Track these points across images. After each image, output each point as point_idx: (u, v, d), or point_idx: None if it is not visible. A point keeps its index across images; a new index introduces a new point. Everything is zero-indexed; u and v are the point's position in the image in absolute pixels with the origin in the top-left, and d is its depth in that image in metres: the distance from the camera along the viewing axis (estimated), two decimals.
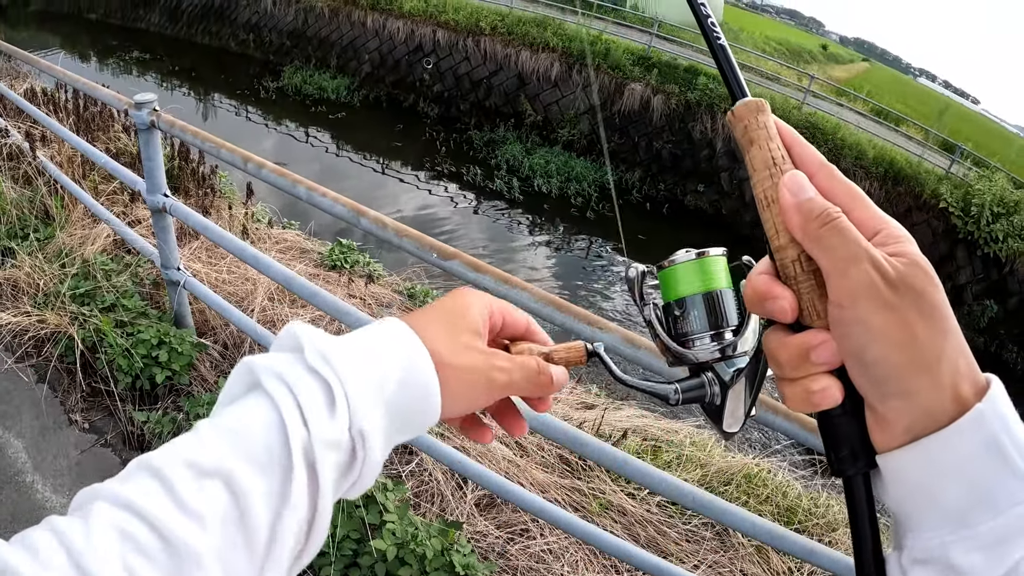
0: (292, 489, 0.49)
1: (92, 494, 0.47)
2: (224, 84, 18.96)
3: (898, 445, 0.50)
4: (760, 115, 0.58)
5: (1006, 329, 15.41)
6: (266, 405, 0.52)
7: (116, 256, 4.21)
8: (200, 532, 0.46)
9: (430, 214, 14.49)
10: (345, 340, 0.58)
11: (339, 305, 2.50)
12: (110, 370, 3.42)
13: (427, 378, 0.59)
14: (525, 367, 0.66)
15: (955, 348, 0.49)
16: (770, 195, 0.56)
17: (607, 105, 17.86)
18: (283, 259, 5.21)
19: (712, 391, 0.64)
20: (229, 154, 2.59)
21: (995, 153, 19.81)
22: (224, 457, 0.49)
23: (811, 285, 0.53)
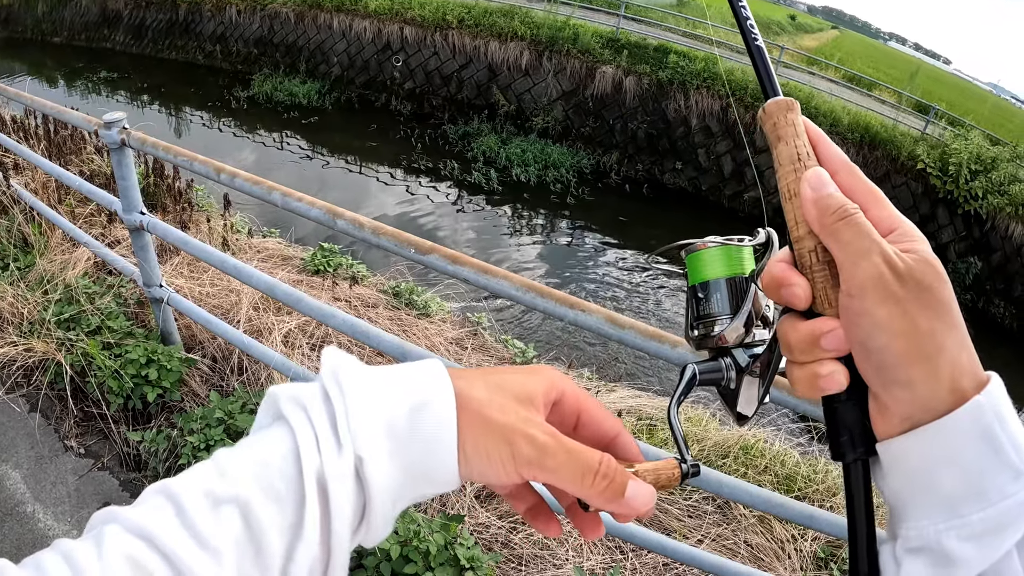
0: (305, 522, 0.47)
1: (107, 516, 0.46)
2: (194, 97, 18.80)
3: (896, 433, 0.52)
4: (789, 113, 0.61)
5: (991, 285, 15.55)
6: (285, 432, 0.50)
7: (98, 278, 4.20)
8: (215, 567, 0.44)
9: (412, 212, 14.45)
10: (369, 368, 0.54)
11: (323, 309, 2.51)
12: (101, 393, 3.42)
13: (441, 417, 0.52)
14: (577, 456, 0.54)
15: (957, 343, 0.51)
16: (793, 188, 0.58)
17: (579, 89, 17.84)
18: (265, 267, 5.21)
19: (728, 375, 0.65)
20: (202, 166, 2.60)
21: (969, 112, 19.98)
22: (241, 487, 0.47)
23: (825, 276, 0.56)
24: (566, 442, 0.54)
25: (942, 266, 0.53)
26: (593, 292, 12.64)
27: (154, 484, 0.48)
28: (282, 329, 4.07)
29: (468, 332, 5.56)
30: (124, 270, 3.69)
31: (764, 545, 3.60)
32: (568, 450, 0.53)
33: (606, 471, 0.53)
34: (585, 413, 0.60)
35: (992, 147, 16.38)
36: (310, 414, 0.49)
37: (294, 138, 17.18)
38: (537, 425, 0.54)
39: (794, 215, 0.58)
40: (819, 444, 4.88)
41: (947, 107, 19.20)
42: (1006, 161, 15.89)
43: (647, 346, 1.89)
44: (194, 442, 3.14)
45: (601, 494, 0.54)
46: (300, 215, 2.30)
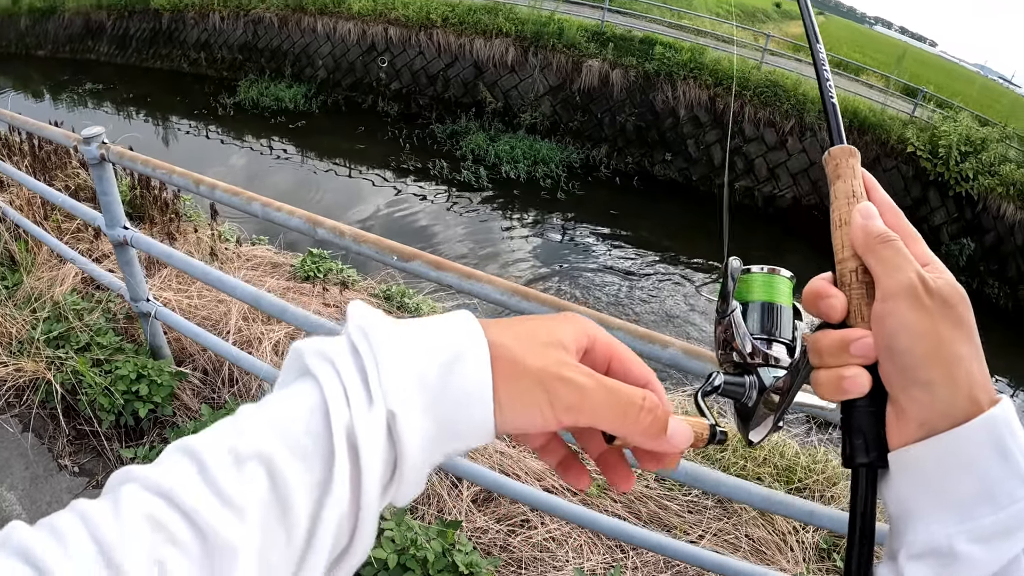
0: (334, 477, 0.45)
1: (125, 476, 0.44)
2: (181, 106, 18.72)
3: (912, 440, 0.56)
4: (850, 158, 0.70)
5: (985, 265, 15.63)
6: (311, 386, 0.48)
7: (87, 294, 4.18)
8: (238, 525, 0.42)
9: (404, 213, 14.44)
10: (397, 320, 0.52)
11: (309, 318, 2.49)
12: (92, 410, 3.40)
13: (475, 368, 0.50)
14: (617, 392, 0.53)
15: (974, 356, 0.57)
16: (844, 218, 0.66)
17: (565, 84, 17.82)
18: (255, 276, 5.18)
19: (750, 393, 0.68)
20: (181, 179, 2.57)
21: (957, 93, 20.05)
22: (266, 442, 0.45)
23: (861, 293, 0.62)
24: (605, 380, 0.53)
25: (967, 294, 0.59)
26: (585, 287, 12.64)
27: (175, 442, 0.46)
28: (272, 338, 4.05)
29: None
30: (111, 285, 3.66)
31: (766, 538, 3.59)
32: (608, 388, 0.53)
33: (651, 406, 0.54)
34: (616, 360, 0.59)
35: (981, 128, 16.46)
36: (338, 368, 0.48)
37: (282, 143, 17.12)
38: (573, 367, 0.53)
39: (841, 240, 0.66)
40: (817, 434, 4.87)
41: (935, 90, 19.22)
42: (995, 141, 15.98)
43: (635, 346, 1.88)
44: None
45: (645, 430, 0.54)
46: (280, 225, 2.28)
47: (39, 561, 0.38)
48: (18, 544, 0.39)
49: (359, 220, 13.78)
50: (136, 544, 0.40)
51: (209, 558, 0.41)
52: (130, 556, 0.39)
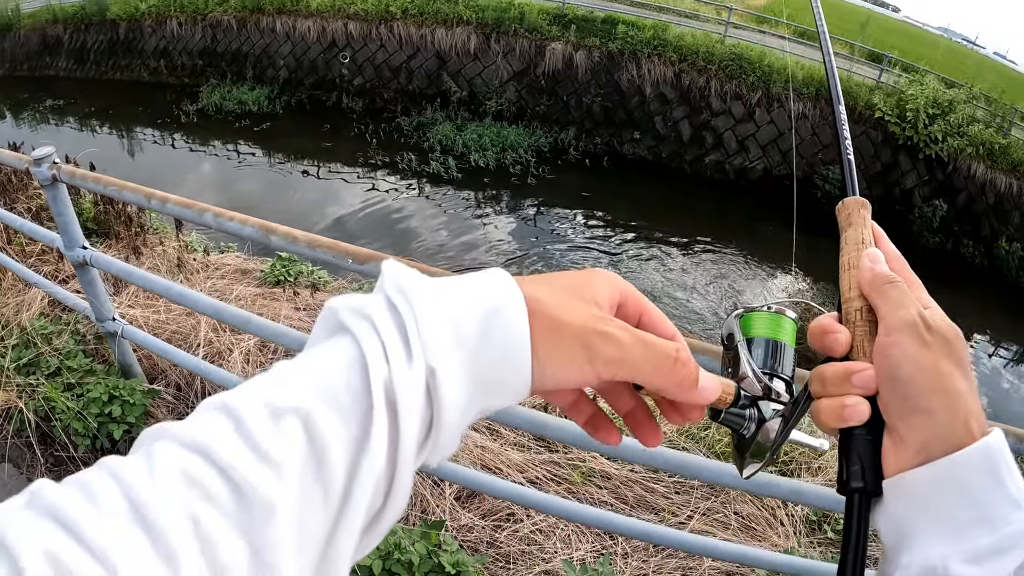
0: (372, 432, 0.44)
1: (157, 433, 0.43)
2: (144, 116, 18.46)
3: (909, 467, 0.58)
4: (863, 209, 0.76)
5: (959, 225, 15.86)
6: (347, 343, 0.47)
7: (55, 317, 4.09)
8: (275, 480, 0.41)
9: (378, 209, 14.40)
10: (433, 279, 0.52)
11: (271, 327, 2.47)
12: (67, 436, 3.34)
13: (514, 324, 0.50)
14: (654, 346, 0.54)
15: (970, 390, 0.60)
16: (853, 262, 0.71)
17: (530, 69, 17.76)
18: (224, 284, 5.09)
19: (748, 425, 0.68)
20: (132, 194, 2.51)
21: (922, 57, 20.09)
22: (303, 397, 0.44)
23: (865, 331, 0.66)
24: (641, 334, 0.54)
25: (962, 335, 0.63)
26: (563, 269, 12.60)
27: (209, 398, 0.45)
28: (242, 348, 3.98)
29: None
30: (76, 307, 3.58)
31: (755, 514, 3.58)
32: (645, 342, 0.54)
33: (684, 359, 0.55)
34: (645, 315, 0.60)
35: (948, 90, 16.63)
36: (376, 324, 0.47)
37: (248, 146, 16.98)
38: (610, 322, 0.54)
39: (849, 282, 0.70)
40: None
41: (900, 54, 19.31)
42: (963, 103, 16.17)
43: None
44: None
45: (680, 382, 0.56)
46: (233, 234, 2.23)
47: (70, 520, 0.37)
48: (48, 503, 0.38)
49: (334, 219, 13.76)
50: (170, 501, 0.39)
51: (246, 513, 0.40)
52: (164, 513, 0.38)
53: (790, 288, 13.55)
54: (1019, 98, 17.64)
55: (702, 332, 11.26)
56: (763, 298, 12.93)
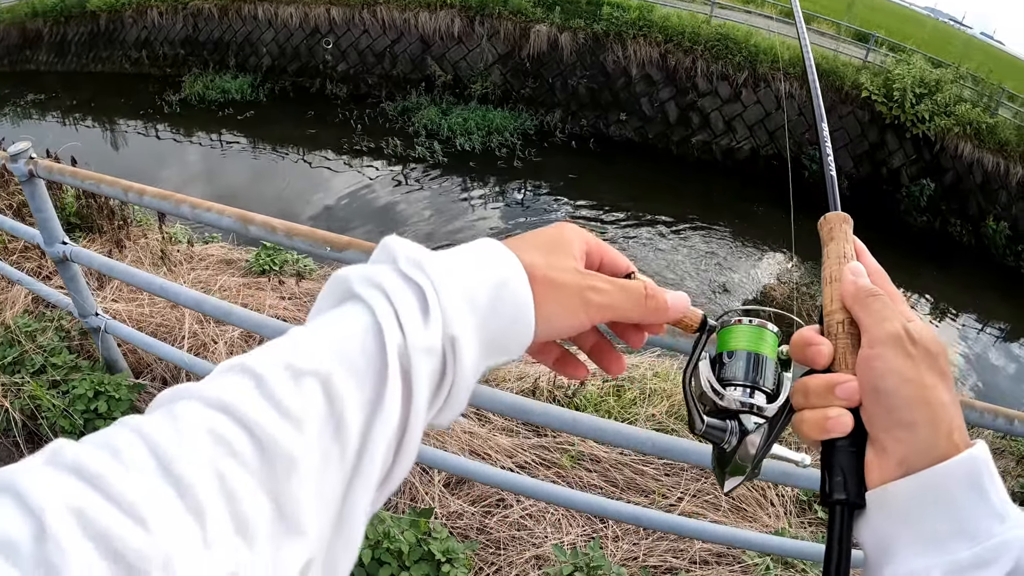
0: (386, 395, 0.48)
1: (176, 394, 0.45)
2: (126, 108, 18.22)
3: (892, 479, 0.58)
4: (844, 224, 0.77)
5: (946, 204, 15.93)
6: (361, 310, 0.51)
7: (39, 314, 4.06)
8: (297, 436, 0.44)
9: (364, 195, 14.31)
10: (440, 252, 0.59)
11: (253, 318, 2.47)
12: (53, 433, 3.31)
13: (521, 291, 0.59)
14: (629, 288, 0.66)
15: (953, 403, 0.60)
16: (835, 275, 0.72)
17: (514, 51, 17.65)
18: (208, 275, 5.06)
19: (730, 439, 0.71)
20: (110, 188, 2.47)
21: (909, 36, 20.09)
22: (321, 359, 0.47)
23: (847, 344, 0.67)
24: (619, 282, 0.65)
25: (946, 348, 0.65)
26: None
27: (226, 361, 0.48)
28: (226, 339, 3.95)
29: None
30: (58, 303, 3.55)
31: (746, 495, 3.59)
32: (622, 287, 0.65)
33: (652, 291, 0.67)
34: (606, 255, 0.70)
35: (935, 69, 16.62)
36: (389, 294, 0.52)
37: (233, 135, 16.80)
38: (594, 276, 0.64)
39: (831, 295, 0.71)
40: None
41: (886, 34, 19.26)
42: (950, 82, 16.17)
43: None
44: None
45: (654, 310, 0.67)
46: (212, 225, 2.20)
47: (94, 475, 0.38)
48: (72, 460, 0.38)
49: (322, 206, 13.66)
50: (197, 457, 0.40)
51: (269, 468, 0.43)
52: (191, 468, 0.40)
53: (781, 267, 13.57)
54: (1006, 78, 17.67)
55: None
56: (752, 277, 12.94)
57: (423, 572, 2.68)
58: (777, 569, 3.07)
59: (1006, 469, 5.79)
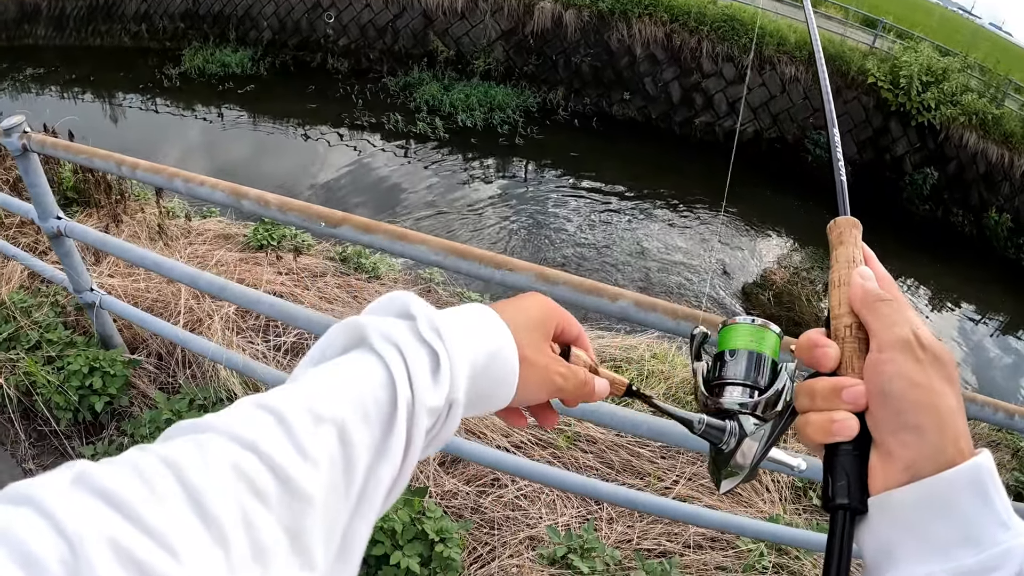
0: (391, 444, 0.53)
1: (198, 426, 0.47)
2: (126, 82, 18.05)
3: (896, 484, 0.58)
4: (854, 228, 0.76)
5: (949, 194, 15.92)
6: (376, 363, 0.56)
7: (34, 289, 4.03)
8: (314, 477, 0.47)
9: (365, 171, 14.26)
10: (450, 315, 0.65)
11: (248, 295, 2.46)
12: (49, 410, 3.30)
13: (511, 365, 0.67)
14: (576, 377, 0.74)
15: (960, 410, 0.60)
16: (843, 279, 0.71)
17: (518, 28, 17.49)
18: (206, 250, 5.03)
19: (728, 440, 0.72)
20: (102, 162, 2.46)
21: (917, 24, 19.98)
22: (339, 407, 0.52)
23: (854, 347, 0.66)
24: (573, 369, 0.74)
25: (953, 357, 0.64)
26: (553, 230, 12.60)
27: (246, 398, 0.51)
28: (222, 314, 3.93)
29: (421, 289, 5.47)
30: (53, 278, 3.53)
31: None
32: (574, 375, 0.74)
33: (588, 381, 0.75)
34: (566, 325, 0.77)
35: (942, 58, 16.56)
36: (404, 353, 0.57)
37: (233, 109, 16.70)
38: (559, 362, 0.73)
39: (838, 298, 0.70)
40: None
41: (894, 20, 19.17)
42: (957, 71, 16.13)
43: (584, 301, 1.81)
44: None
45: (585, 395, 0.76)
46: (205, 199, 2.19)
47: (125, 504, 0.38)
48: (98, 485, 0.39)
49: (324, 181, 13.65)
50: (222, 490, 0.42)
51: (288, 506, 0.46)
52: (217, 501, 0.42)
53: (781, 251, 13.54)
54: (1013, 69, 17.61)
55: (691, 294, 11.24)
56: (752, 260, 12.92)
57: (417, 551, 2.67)
58: (771, 555, 3.06)
59: (1001, 462, 5.79)
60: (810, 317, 10.46)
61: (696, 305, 10.86)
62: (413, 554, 2.64)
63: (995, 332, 13.42)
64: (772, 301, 10.93)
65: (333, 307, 4.55)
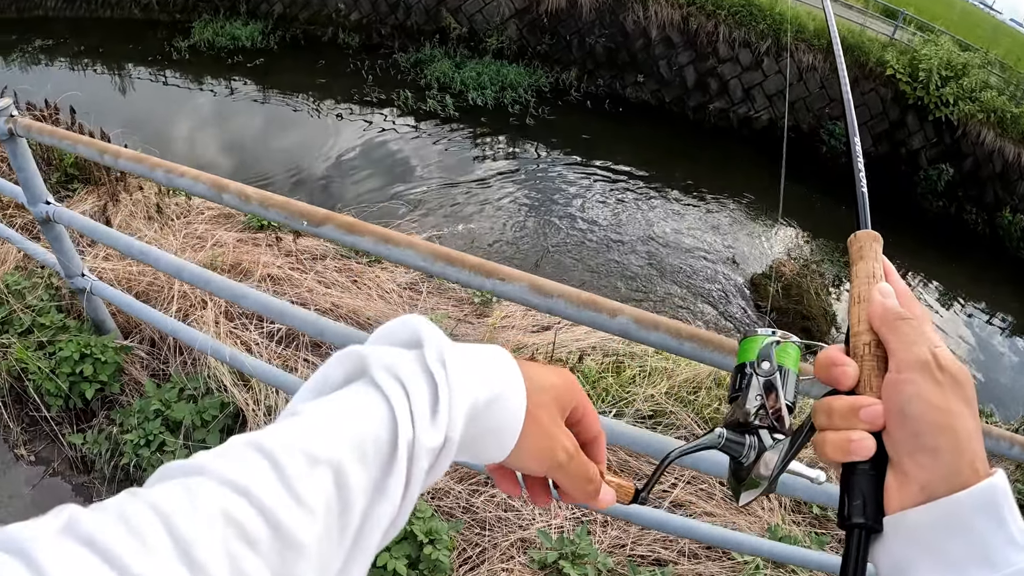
0: (390, 485, 0.51)
1: (188, 468, 0.46)
2: (135, 54, 17.85)
3: (912, 504, 0.58)
4: (875, 242, 0.75)
5: (963, 191, 15.93)
6: (377, 399, 0.53)
7: (29, 271, 3.97)
8: (309, 523, 0.45)
9: (374, 146, 14.12)
10: (461, 349, 0.60)
11: (234, 289, 2.41)
12: (39, 396, 3.28)
13: (515, 415, 0.61)
14: (584, 467, 0.69)
15: (977, 431, 0.59)
16: (864, 295, 0.70)
17: (532, 6, 17.31)
18: (204, 229, 4.95)
19: (748, 454, 0.71)
20: (86, 148, 2.40)
21: (938, 17, 19.79)
22: (335, 448, 0.49)
23: (872, 366, 0.66)
24: (581, 456, 0.69)
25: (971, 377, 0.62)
26: (563, 216, 12.47)
27: (239, 437, 0.49)
28: (216, 302, 3.86)
29: (423, 275, 5.38)
30: (46, 262, 3.46)
31: None
32: (581, 462, 0.68)
33: (595, 485, 0.70)
34: (587, 417, 0.72)
35: (962, 53, 16.45)
36: (408, 389, 0.53)
37: (242, 83, 16.56)
38: (569, 437, 0.68)
39: (858, 315, 0.70)
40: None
41: (915, 12, 19.04)
42: (977, 67, 16.04)
43: (580, 316, 1.73)
44: (133, 439, 3.03)
45: (587, 497, 0.70)
46: (186, 190, 2.13)
47: (113, 555, 0.37)
48: (86, 533, 0.38)
49: (332, 157, 13.53)
50: (211, 537, 0.41)
51: (280, 553, 0.44)
52: (205, 550, 0.40)
53: (792, 242, 13.43)
54: None
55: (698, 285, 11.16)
56: (762, 250, 12.82)
57: (405, 552, 2.64)
58: (767, 568, 3.01)
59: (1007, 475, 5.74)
60: (818, 311, 10.38)
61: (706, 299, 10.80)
62: (401, 556, 2.62)
63: (1003, 332, 13.37)
64: (781, 293, 10.81)
65: (330, 292, 4.48)
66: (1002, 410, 10.19)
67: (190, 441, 3.05)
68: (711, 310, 10.57)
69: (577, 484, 0.68)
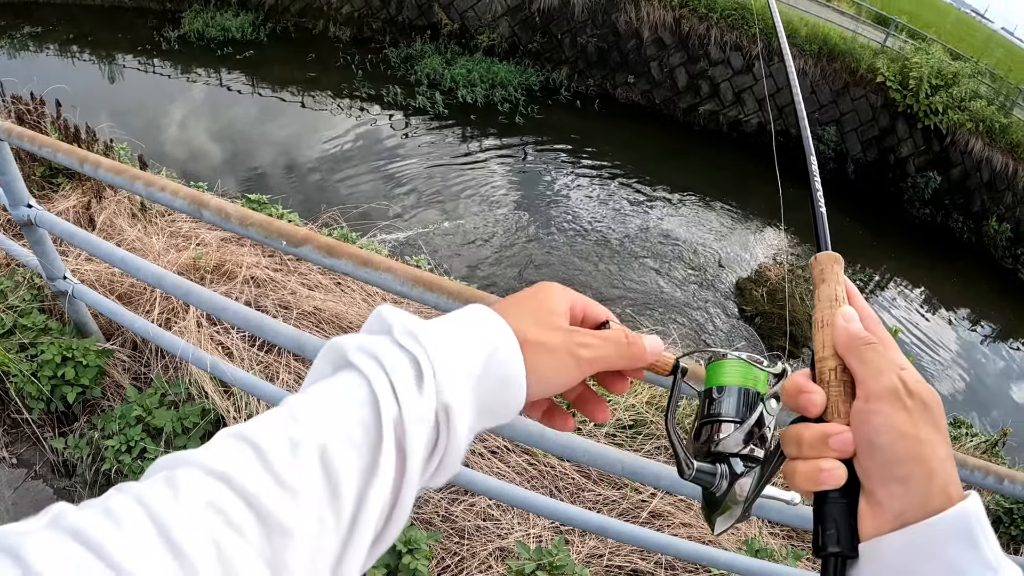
0: (380, 463, 0.50)
1: (175, 461, 0.47)
2: (124, 43, 17.67)
3: (886, 530, 0.58)
4: (836, 265, 0.75)
5: (951, 199, 16.10)
6: (358, 380, 0.54)
7: (11, 271, 3.94)
8: (294, 507, 0.45)
9: (361, 141, 14.13)
10: (432, 321, 0.61)
11: (214, 300, 2.40)
12: (20, 399, 3.25)
13: (512, 356, 0.62)
14: (611, 338, 0.69)
15: (948, 457, 0.59)
16: (826, 319, 0.70)
17: (524, 4, 17.30)
18: (189, 229, 4.91)
19: (720, 483, 0.69)
20: (65, 156, 2.37)
21: (930, 25, 19.96)
22: (319, 432, 0.49)
23: (839, 391, 0.65)
24: (602, 334, 0.69)
25: (940, 398, 0.62)
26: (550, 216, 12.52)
27: (226, 429, 0.50)
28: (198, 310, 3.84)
29: None
30: (28, 264, 3.43)
31: None
32: (606, 338, 0.69)
33: (632, 339, 0.70)
34: (587, 309, 0.73)
35: (953, 62, 16.56)
36: (384, 365, 0.54)
37: (232, 75, 16.46)
38: (581, 332, 0.68)
39: (822, 341, 0.69)
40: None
41: (907, 19, 19.18)
42: (967, 77, 16.18)
43: None
44: (115, 445, 3.02)
45: (635, 357, 0.69)
46: (166, 204, 2.12)
47: (95, 542, 0.38)
48: (71, 525, 0.39)
49: (321, 152, 13.52)
50: (195, 525, 0.41)
51: (266, 539, 0.44)
52: (189, 537, 0.41)
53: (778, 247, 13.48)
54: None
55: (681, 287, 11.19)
56: (748, 254, 12.87)
57: (383, 561, 2.65)
58: None
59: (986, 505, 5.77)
60: (803, 316, 10.44)
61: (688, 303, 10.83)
62: (379, 564, 2.63)
63: (987, 339, 13.53)
64: (766, 298, 10.88)
65: (313, 295, 4.46)
66: (984, 416, 10.29)
67: (171, 448, 3.04)
68: (695, 314, 10.62)
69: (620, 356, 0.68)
